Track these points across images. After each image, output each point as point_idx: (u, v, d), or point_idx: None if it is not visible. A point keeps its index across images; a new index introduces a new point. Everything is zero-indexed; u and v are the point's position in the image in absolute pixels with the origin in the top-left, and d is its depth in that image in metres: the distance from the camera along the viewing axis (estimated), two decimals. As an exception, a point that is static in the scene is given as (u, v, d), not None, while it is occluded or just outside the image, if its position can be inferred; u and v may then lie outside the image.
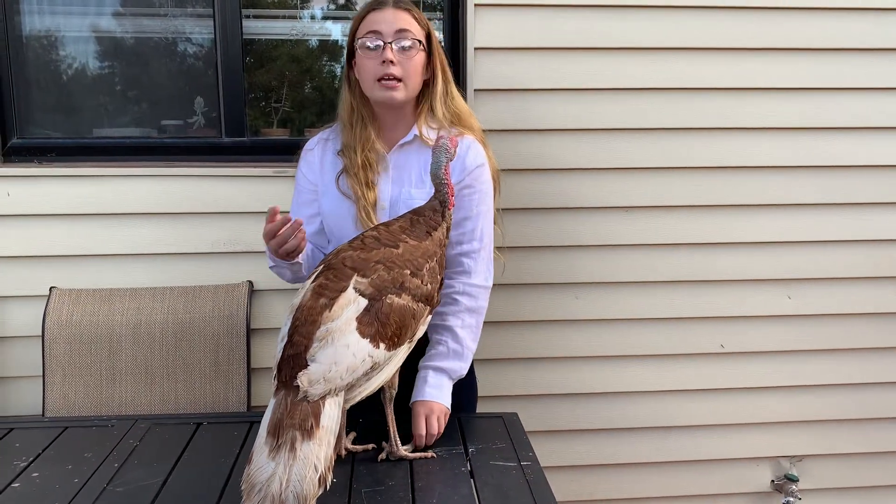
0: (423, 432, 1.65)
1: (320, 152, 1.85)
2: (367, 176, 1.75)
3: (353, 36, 1.77)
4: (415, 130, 1.78)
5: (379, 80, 1.70)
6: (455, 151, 1.62)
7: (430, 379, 1.72)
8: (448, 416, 1.71)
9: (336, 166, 1.81)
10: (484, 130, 1.92)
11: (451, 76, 1.83)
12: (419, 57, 1.73)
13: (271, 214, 1.54)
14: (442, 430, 1.68)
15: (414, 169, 1.78)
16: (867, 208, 2.47)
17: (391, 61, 1.69)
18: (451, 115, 1.81)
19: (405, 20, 1.71)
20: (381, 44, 1.70)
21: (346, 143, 1.80)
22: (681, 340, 2.49)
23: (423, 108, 1.79)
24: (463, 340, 1.75)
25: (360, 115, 1.79)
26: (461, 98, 1.86)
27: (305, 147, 1.90)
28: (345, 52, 1.83)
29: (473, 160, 1.78)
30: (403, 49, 1.70)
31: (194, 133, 2.46)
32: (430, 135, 1.78)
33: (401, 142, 1.79)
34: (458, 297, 1.77)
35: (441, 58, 1.79)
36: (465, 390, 1.84)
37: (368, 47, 1.71)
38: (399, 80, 1.71)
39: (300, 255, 1.68)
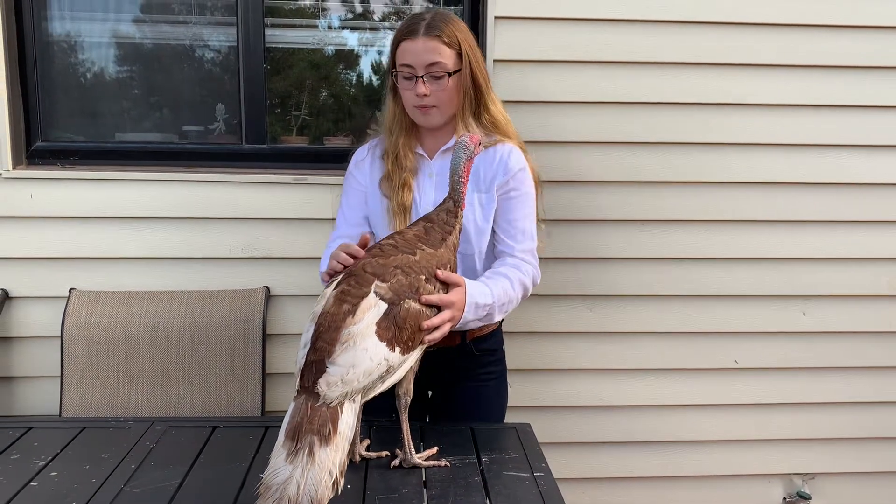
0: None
1: (370, 158, 1.92)
2: (398, 179, 1.82)
3: (392, 55, 1.82)
4: (455, 137, 1.83)
5: (416, 105, 1.79)
6: (475, 149, 1.64)
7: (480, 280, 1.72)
8: (454, 320, 1.59)
9: (382, 170, 1.88)
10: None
11: (490, 84, 1.87)
12: (452, 83, 1.78)
13: (363, 241, 1.58)
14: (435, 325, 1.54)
15: None
16: (885, 226, 2.46)
17: (424, 94, 1.76)
18: (488, 123, 1.86)
19: (435, 51, 1.75)
20: (413, 77, 1.76)
21: (385, 149, 1.88)
22: (695, 355, 2.49)
23: (461, 117, 1.84)
24: (506, 293, 1.72)
25: (399, 123, 1.86)
26: (499, 106, 1.89)
27: (356, 156, 1.96)
28: (388, 61, 1.88)
29: (516, 163, 1.82)
30: (434, 79, 1.76)
31: (215, 139, 2.48)
32: None
33: (443, 148, 1.86)
34: (536, 279, 1.84)
35: (478, 68, 1.82)
36: (494, 399, 1.93)
37: (404, 78, 1.78)
38: (434, 106, 1.78)
39: None
